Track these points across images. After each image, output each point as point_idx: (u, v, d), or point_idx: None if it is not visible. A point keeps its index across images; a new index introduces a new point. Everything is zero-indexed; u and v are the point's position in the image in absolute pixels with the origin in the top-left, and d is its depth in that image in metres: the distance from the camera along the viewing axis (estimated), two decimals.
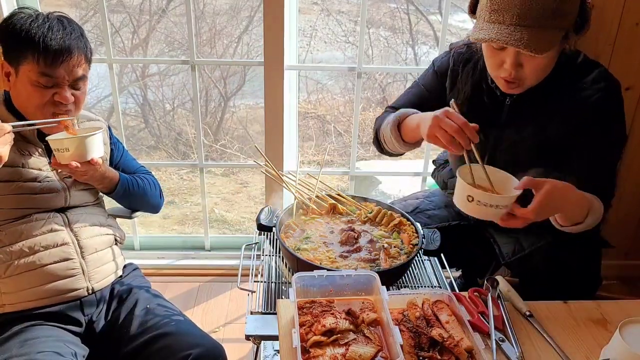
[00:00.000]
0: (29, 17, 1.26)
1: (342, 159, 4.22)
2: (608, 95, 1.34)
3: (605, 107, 1.34)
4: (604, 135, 1.35)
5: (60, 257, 1.35)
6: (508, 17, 1.23)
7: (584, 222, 1.28)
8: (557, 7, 1.21)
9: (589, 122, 1.34)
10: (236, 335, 2.04)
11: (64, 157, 1.28)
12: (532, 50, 1.22)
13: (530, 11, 1.21)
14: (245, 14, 4.14)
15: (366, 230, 1.49)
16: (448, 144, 1.25)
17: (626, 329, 1.03)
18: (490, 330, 1.14)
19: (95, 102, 4.15)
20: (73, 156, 1.28)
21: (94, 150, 1.31)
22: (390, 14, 4.26)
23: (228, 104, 4.35)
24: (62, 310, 1.36)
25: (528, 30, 1.22)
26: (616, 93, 1.37)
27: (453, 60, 1.54)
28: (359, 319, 1.10)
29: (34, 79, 1.25)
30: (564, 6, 1.22)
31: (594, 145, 1.35)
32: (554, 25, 1.23)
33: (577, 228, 1.30)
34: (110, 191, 1.47)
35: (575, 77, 1.37)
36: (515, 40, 1.22)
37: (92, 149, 1.30)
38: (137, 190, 1.52)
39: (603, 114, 1.34)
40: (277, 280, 1.42)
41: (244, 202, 3.92)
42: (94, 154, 1.31)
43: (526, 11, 1.21)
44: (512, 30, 1.23)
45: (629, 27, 1.85)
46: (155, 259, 2.41)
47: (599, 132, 1.35)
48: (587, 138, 1.35)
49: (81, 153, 1.28)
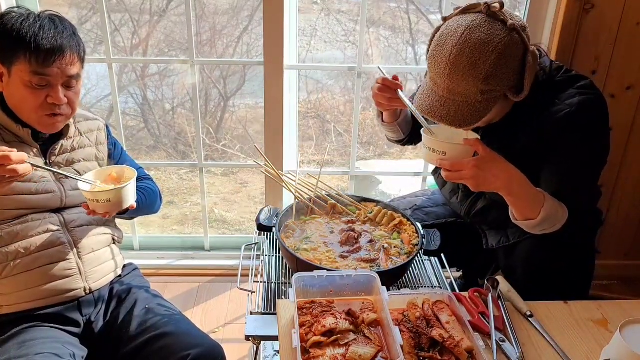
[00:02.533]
0: (20, 16, 1.25)
1: (342, 159, 4.22)
2: (579, 110, 1.30)
3: (574, 122, 1.30)
4: (572, 151, 1.33)
5: (56, 257, 1.34)
6: (440, 89, 1.27)
7: (537, 219, 1.29)
8: (481, 87, 1.22)
9: (555, 137, 1.32)
10: (236, 335, 2.04)
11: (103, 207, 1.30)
12: (459, 126, 1.26)
13: (456, 88, 1.23)
14: (245, 13, 4.14)
15: (366, 231, 1.49)
16: (385, 101, 1.47)
17: (626, 329, 1.03)
18: (490, 330, 1.14)
19: (94, 102, 4.14)
20: (114, 205, 1.30)
21: (131, 198, 1.34)
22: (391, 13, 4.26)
23: (228, 103, 4.35)
24: (60, 311, 1.35)
25: (455, 105, 1.25)
26: (591, 108, 1.32)
27: None
28: (359, 319, 1.10)
29: (26, 79, 1.24)
30: (489, 85, 1.22)
31: (561, 160, 1.34)
32: (482, 99, 1.24)
33: (529, 224, 1.32)
34: (121, 213, 1.45)
35: (551, 93, 1.35)
36: (442, 116, 1.26)
37: (128, 197, 1.33)
38: (145, 204, 1.52)
39: (571, 129, 1.31)
40: (277, 280, 1.42)
41: (243, 202, 3.92)
42: (131, 201, 1.34)
43: (452, 87, 1.24)
44: (442, 103, 1.26)
45: (629, 27, 1.85)
46: (154, 259, 2.41)
47: (565, 147, 1.33)
48: (554, 153, 1.34)
49: (120, 202, 1.31)
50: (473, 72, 1.20)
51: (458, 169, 1.23)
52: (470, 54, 1.19)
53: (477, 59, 1.19)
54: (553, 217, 1.31)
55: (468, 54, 1.19)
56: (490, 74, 1.20)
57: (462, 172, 1.23)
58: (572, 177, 1.35)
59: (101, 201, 1.28)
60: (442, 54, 1.23)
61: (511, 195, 1.28)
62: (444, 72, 1.23)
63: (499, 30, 1.21)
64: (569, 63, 1.87)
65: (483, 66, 1.19)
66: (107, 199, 1.28)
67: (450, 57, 1.21)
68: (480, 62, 1.19)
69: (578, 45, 1.87)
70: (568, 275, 1.45)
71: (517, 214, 1.33)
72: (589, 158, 1.35)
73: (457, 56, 1.20)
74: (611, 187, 2.13)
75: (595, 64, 1.90)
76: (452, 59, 1.21)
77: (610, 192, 2.14)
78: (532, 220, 1.31)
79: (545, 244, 1.39)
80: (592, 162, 1.37)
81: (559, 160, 1.34)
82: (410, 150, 4.27)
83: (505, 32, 1.21)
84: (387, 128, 1.68)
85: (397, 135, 1.70)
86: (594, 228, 1.54)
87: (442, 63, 1.23)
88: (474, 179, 1.23)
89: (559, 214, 1.31)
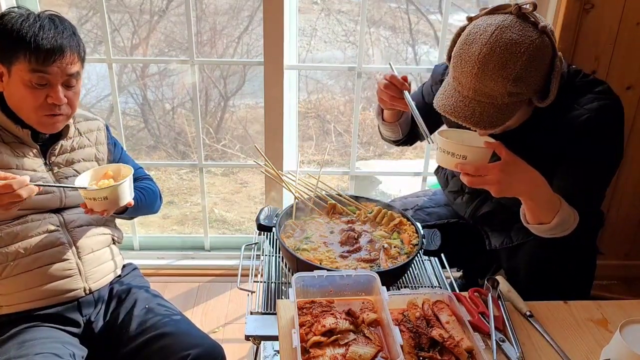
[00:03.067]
0: (20, 16, 1.25)
1: (342, 159, 4.21)
2: (598, 116, 1.28)
3: (593, 127, 1.29)
4: (589, 155, 1.31)
5: (56, 257, 1.34)
6: (465, 89, 1.23)
7: (551, 223, 1.26)
8: (510, 89, 1.19)
9: (573, 141, 1.30)
10: (236, 335, 2.04)
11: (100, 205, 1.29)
12: (483, 127, 1.22)
13: (483, 88, 1.20)
14: (245, 13, 4.14)
15: (366, 231, 1.49)
16: (389, 99, 1.43)
17: (626, 329, 1.03)
18: (490, 330, 1.14)
19: (94, 101, 4.14)
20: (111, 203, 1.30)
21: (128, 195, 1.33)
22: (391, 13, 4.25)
23: (228, 103, 4.35)
24: (59, 311, 1.35)
25: (480, 106, 1.21)
26: (609, 114, 1.31)
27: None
28: (359, 319, 1.10)
29: (26, 79, 1.24)
30: (517, 87, 1.19)
31: (577, 164, 1.32)
32: (508, 102, 1.21)
33: (540, 228, 1.29)
34: (121, 212, 1.46)
35: (570, 97, 1.33)
36: (467, 116, 1.22)
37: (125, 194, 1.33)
38: (144, 204, 1.52)
39: (589, 134, 1.29)
40: (277, 280, 1.42)
41: (243, 202, 3.92)
42: (128, 198, 1.34)
43: (479, 88, 1.20)
44: (466, 103, 1.22)
45: (629, 27, 1.85)
46: (154, 259, 2.41)
47: (583, 151, 1.31)
48: (571, 157, 1.32)
49: (117, 200, 1.31)
50: (503, 72, 1.16)
51: (482, 174, 1.17)
52: (501, 54, 1.16)
53: (508, 59, 1.16)
54: (565, 223, 1.28)
55: (499, 54, 1.16)
56: (520, 76, 1.17)
57: (487, 177, 1.18)
58: (586, 182, 1.33)
59: (98, 199, 1.28)
60: (471, 53, 1.19)
61: (532, 200, 1.25)
62: (472, 72, 1.19)
63: (530, 32, 1.17)
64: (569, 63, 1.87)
65: (513, 67, 1.16)
66: (104, 196, 1.28)
67: (480, 56, 1.17)
68: (511, 62, 1.16)
69: (578, 45, 1.87)
70: (570, 276, 1.44)
71: (531, 217, 1.29)
72: (604, 163, 1.34)
73: (487, 55, 1.17)
74: (611, 187, 2.13)
75: (595, 64, 1.90)
76: (481, 58, 1.17)
77: (611, 192, 2.14)
78: (544, 224, 1.28)
79: (548, 245, 1.38)
80: (607, 167, 1.35)
81: (575, 164, 1.32)
82: (410, 151, 4.27)
83: (537, 34, 1.18)
84: (386, 127, 1.66)
85: (396, 135, 1.68)
86: (595, 229, 1.54)
87: (469, 62, 1.19)
88: (499, 184, 1.18)
89: (571, 219, 1.29)
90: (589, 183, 1.34)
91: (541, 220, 1.28)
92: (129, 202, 1.35)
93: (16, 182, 1.15)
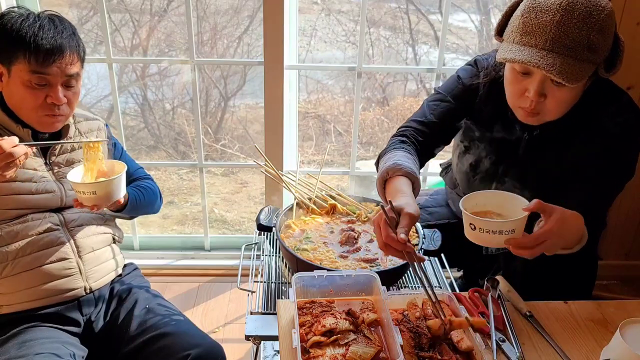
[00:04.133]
0: (20, 16, 1.25)
1: (342, 159, 4.22)
2: (623, 132, 1.29)
3: (619, 144, 1.29)
4: (610, 168, 1.30)
5: (56, 257, 1.35)
6: (541, 41, 1.17)
7: (573, 249, 1.23)
8: (592, 40, 1.16)
9: (599, 153, 1.30)
10: (236, 335, 2.04)
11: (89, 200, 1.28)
12: (564, 79, 1.15)
13: (564, 39, 1.16)
14: (245, 14, 4.14)
15: (366, 230, 1.49)
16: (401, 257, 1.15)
17: (626, 329, 1.03)
18: (490, 330, 1.14)
19: (94, 102, 4.15)
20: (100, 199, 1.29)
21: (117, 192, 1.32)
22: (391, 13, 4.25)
23: (228, 103, 4.35)
24: (60, 311, 1.35)
25: (560, 57, 1.16)
26: (633, 128, 1.31)
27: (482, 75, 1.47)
28: (359, 319, 1.10)
29: (26, 79, 1.24)
30: (598, 41, 1.16)
31: (597, 175, 1.31)
32: (586, 58, 1.17)
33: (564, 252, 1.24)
34: (118, 210, 1.46)
35: (597, 106, 1.32)
36: (548, 64, 1.15)
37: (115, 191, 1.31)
38: (143, 201, 1.52)
39: (615, 148, 1.29)
40: (277, 280, 1.42)
41: (243, 202, 3.92)
42: (119, 195, 1.32)
43: (560, 38, 1.16)
44: (543, 55, 1.17)
45: (629, 27, 1.85)
46: (154, 259, 2.41)
47: (605, 164, 1.30)
48: (593, 166, 1.31)
49: (107, 196, 1.29)
50: (588, 20, 1.14)
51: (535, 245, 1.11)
52: (585, 2, 1.15)
53: (593, 9, 1.15)
54: (584, 240, 1.24)
55: (583, 2, 1.15)
56: (602, 28, 1.16)
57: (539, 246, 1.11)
58: (603, 193, 1.33)
59: (87, 193, 1.27)
60: (550, 3, 1.16)
61: (566, 248, 1.21)
62: (552, 20, 1.15)
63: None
64: None
65: (597, 17, 1.14)
66: (92, 191, 1.27)
67: (563, 4, 1.15)
68: (595, 12, 1.14)
69: None
70: (570, 281, 1.44)
71: None
72: (622, 176, 1.34)
73: (572, 2, 1.15)
74: None
75: None
76: (564, 5, 1.15)
77: None
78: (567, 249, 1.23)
79: None
80: (623, 180, 1.35)
81: (595, 174, 1.31)
82: None
83: (607, 1, 1.19)
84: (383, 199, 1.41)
85: None
86: (597, 233, 1.54)
87: (550, 11, 1.16)
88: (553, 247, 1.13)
89: (584, 239, 1.24)
90: (605, 193, 1.33)
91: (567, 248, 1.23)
92: (119, 200, 1.34)
93: (5, 143, 1.14)
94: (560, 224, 1.11)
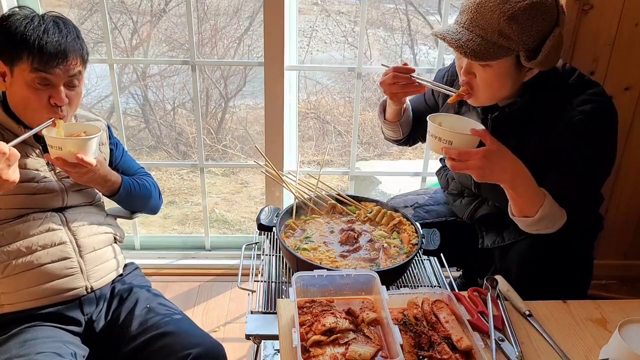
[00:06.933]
0: (24, 18, 1.25)
1: (342, 159, 4.22)
2: (590, 118, 1.30)
3: (585, 129, 1.31)
4: (580, 156, 1.33)
5: (58, 256, 1.35)
6: (463, 20, 1.29)
7: (534, 217, 1.30)
8: (502, 25, 1.22)
9: (565, 141, 1.32)
10: (236, 334, 2.04)
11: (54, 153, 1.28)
12: (463, 52, 1.25)
13: (480, 19, 1.25)
14: (246, 14, 4.15)
15: (366, 230, 1.49)
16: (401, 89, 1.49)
17: (625, 328, 1.03)
18: (489, 329, 1.14)
19: (95, 102, 4.16)
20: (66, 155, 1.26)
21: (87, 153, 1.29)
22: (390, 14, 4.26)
23: (228, 104, 4.36)
24: (61, 310, 1.36)
25: (470, 34, 1.26)
26: (601, 117, 1.33)
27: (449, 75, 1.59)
28: (358, 318, 1.11)
29: (28, 79, 1.24)
30: (510, 27, 1.22)
31: (568, 163, 1.34)
32: (496, 41, 1.24)
33: (525, 221, 1.32)
34: (113, 194, 1.46)
35: (563, 97, 1.35)
36: (453, 39, 1.26)
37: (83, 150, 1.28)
38: (138, 192, 1.53)
39: (581, 135, 1.31)
40: (277, 280, 1.42)
41: (244, 202, 3.92)
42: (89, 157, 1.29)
43: (476, 18, 1.25)
44: (459, 31, 1.28)
45: (628, 28, 1.85)
46: (155, 258, 2.42)
47: (574, 152, 1.33)
48: (562, 156, 1.34)
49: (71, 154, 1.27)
50: (502, 6, 1.21)
51: (465, 159, 1.22)
52: None
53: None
54: (550, 218, 1.31)
55: None
56: (516, 17, 1.21)
57: (469, 161, 1.22)
58: (576, 181, 1.34)
59: (54, 147, 1.26)
60: None
61: (514, 189, 1.29)
62: (474, 2, 1.25)
63: None
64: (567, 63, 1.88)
65: (513, 5, 1.20)
66: (58, 146, 1.25)
67: None
68: (513, 1, 1.21)
69: (576, 46, 1.88)
70: (564, 279, 1.45)
71: (516, 209, 1.34)
72: (595, 164, 1.35)
73: None
74: (610, 188, 2.13)
75: (594, 65, 1.91)
76: None
77: (609, 193, 2.14)
78: (529, 217, 1.31)
79: (539, 247, 1.39)
80: (597, 168, 1.37)
81: (565, 163, 1.34)
82: (410, 151, 4.28)
83: None
84: (388, 126, 1.69)
85: (397, 135, 1.71)
86: (593, 233, 1.54)
87: None
88: (481, 169, 1.22)
89: (556, 215, 1.32)
90: (577, 183, 1.35)
91: (525, 213, 1.32)
92: (90, 162, 1.28)
93: None
94: (495, 154, 1.22)
